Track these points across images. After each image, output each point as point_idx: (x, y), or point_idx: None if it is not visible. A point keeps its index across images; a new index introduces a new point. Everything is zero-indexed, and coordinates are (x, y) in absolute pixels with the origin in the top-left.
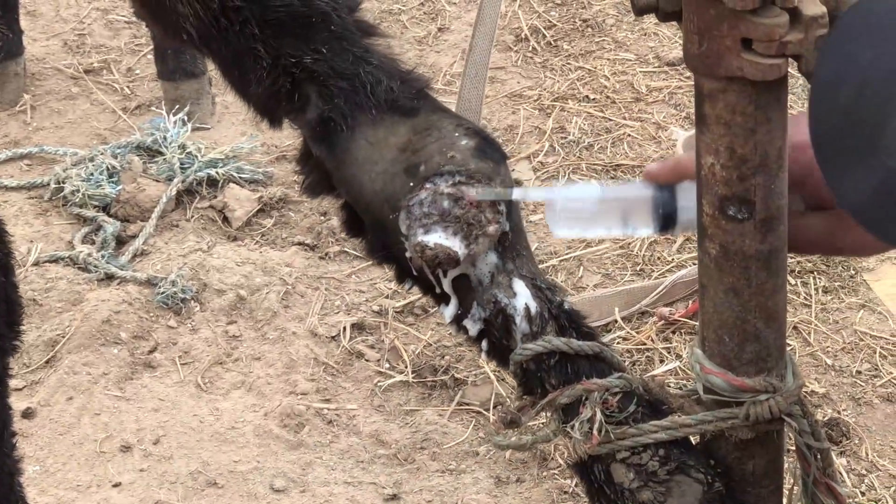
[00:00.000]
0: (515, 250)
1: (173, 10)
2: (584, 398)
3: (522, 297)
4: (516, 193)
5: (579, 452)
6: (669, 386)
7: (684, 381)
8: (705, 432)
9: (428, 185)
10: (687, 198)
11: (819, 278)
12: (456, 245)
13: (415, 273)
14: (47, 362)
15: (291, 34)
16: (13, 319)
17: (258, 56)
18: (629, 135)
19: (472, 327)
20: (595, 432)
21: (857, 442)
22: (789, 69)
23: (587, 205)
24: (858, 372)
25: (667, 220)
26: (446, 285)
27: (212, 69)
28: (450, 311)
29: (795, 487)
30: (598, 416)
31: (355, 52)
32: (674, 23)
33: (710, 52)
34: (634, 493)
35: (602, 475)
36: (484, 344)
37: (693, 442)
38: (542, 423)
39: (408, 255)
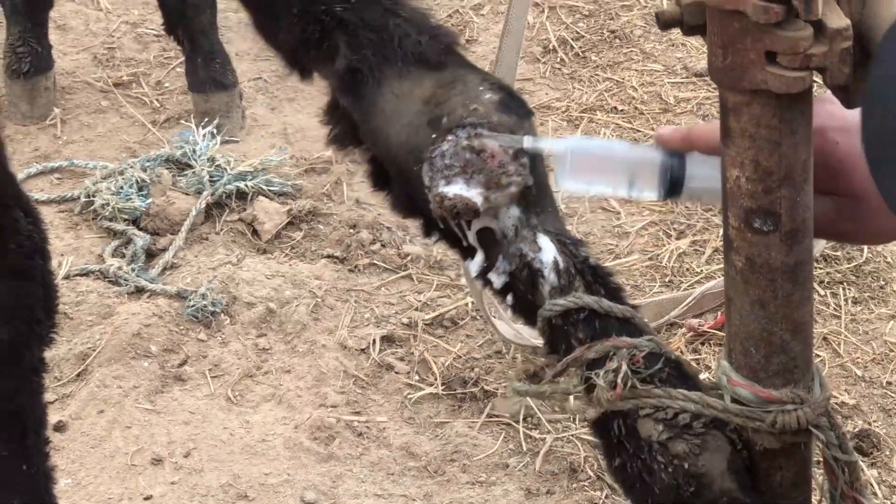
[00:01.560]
0: (540, 206)
1: None
2: (611, 354)
3: (549, 251)
4: (527, 141)
5: (602, 402)
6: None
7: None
8: (731, 420)
9: (450, 137)
10: (696, 167)
11: (849, 289)
12: (474, 195)
13: (440, 226)
14: (78, 375)
15: None
16: (50, 306)
17: (289, 3)
18: None
19: (497, 280)
20: (619, 382)
21: (887, 453)
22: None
23: (596, 160)
24: (889, 383)
25: (673, 186)
26: (471, 237)
27: (242, 82)
28: (476, 263)
29: (823, 501)
30: (624, 367)
31: (385, 5)
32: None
33: (734, 65)
34: (665, 446)
35: (622, 430)
36: (509, 298)
37: None
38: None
39: (430, 206)
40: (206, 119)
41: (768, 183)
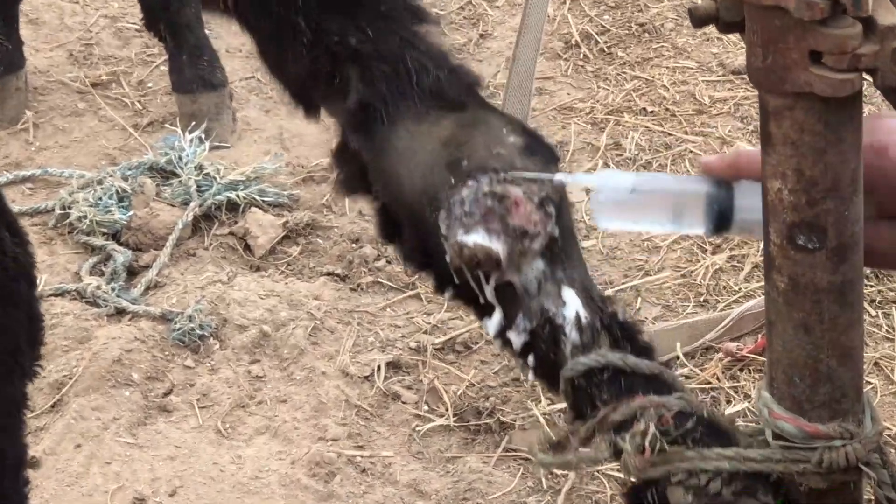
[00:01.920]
0: (565, 255)
1: None
2: (638, 415)
3: (572, 306)
4: (559, 177)
5: (630, 469)
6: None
7: (754, 424)
8: (773, 470)
9: (470, 182)
10: (746, 196)
11: None
12: (497, 246)
13: (456, 281)
14: (53, 406)
15: (336, 10)
16: (35, 337)
17: (299, 31)
18: (691, 151)
19: (517, 340)
20: (647, 445)
21: None
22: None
23: (635, 194)
24: None
25: (721, 219)
26: (489, 293)
27: (233, 81)
28: (494, 322)
29: None
30: (652, 429)
31: (402, 36)
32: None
33: (775, 65)
34: None
35: (655, 499)
36: (530, 359)
37: None
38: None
39: (446, 257)
40: (194, 123)
41: (813, 195)
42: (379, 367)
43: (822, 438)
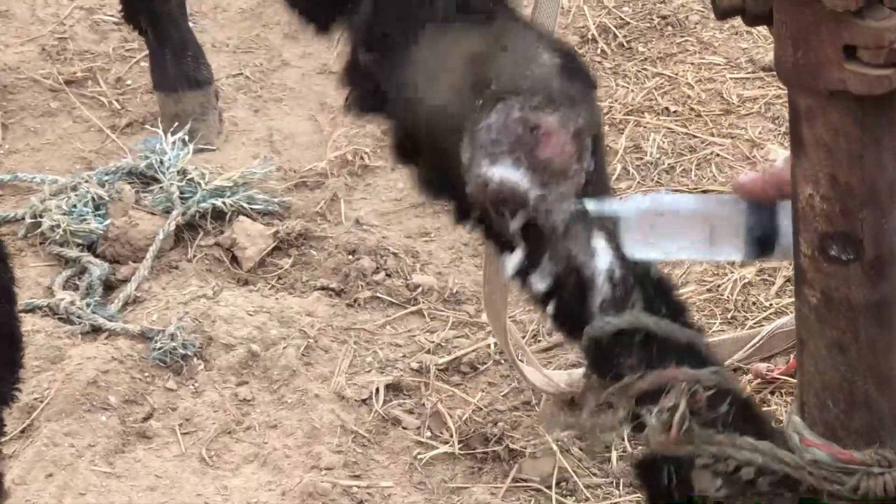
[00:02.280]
0: (599, 196)
1: None
2: (668, 388)
3: (605, 257)
4: (589, 205)
5: (652, 444)
6: None
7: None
8: (804, 480)
9: (499, 106)
10: (789, 217)
11: None
12: (525, 182)
13: (476, 213)
14: (23, 432)
15: None
16: (14, 358)
17: None
18: (718, 154)
19: (540, 284)
20: (676, 424)
21: None
22: None
23: (668, 220)
24: None
25: (762, 244)
26: (513, 230)
27: (219, 78)
28: (514, 261)
29: None
30: (683, 406)
31: None
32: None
33: (806, 61)
34: None
35: (673, 479)
36: (551, 307)
37: None
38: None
39: (468, 189)
40: (177, 123)
41: (848, 203)
42: (377, 390)
43: (858, 467)
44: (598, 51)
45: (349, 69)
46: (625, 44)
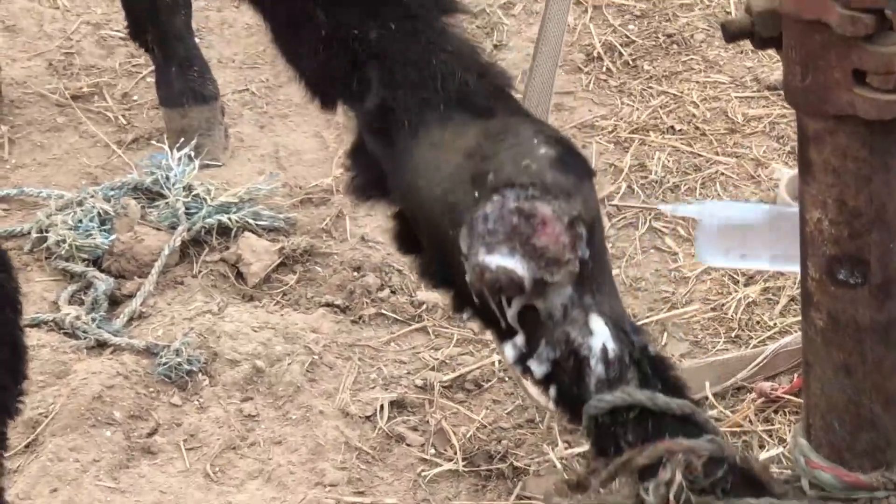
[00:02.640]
0: (595, 282)
1: None
2: (665, 460)
3: (600, 337)
4: (661, 208)
5: None
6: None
7: (789, 471)
8: None
9: (495, 198)
10: None
11: None
12: (521, 269)
13: (475, 301)
14: (27, 446)
15: (357, 3)
16: (18, 369)
17: (316, 23)
18: (723, 173)
19: (539, 369)
20: (672, 497)
21: None
22: None
23: (747, 228)
24: None
25: None
26: (511, 317)
27: (225, 94)
28: (513, 348)
29: None
30: (678, 478)
31: (428, 35)
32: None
33: (815, 85)
34: None
35: None
36: (552, 390)
37: None
38: (615, 490)
39: (466, 277)
40: (182, 139)
41: (855, 226)
42: (382, 407)
43: (864, 489)
44: (604, 69)
45: (354, 152)
46: (630, 62)
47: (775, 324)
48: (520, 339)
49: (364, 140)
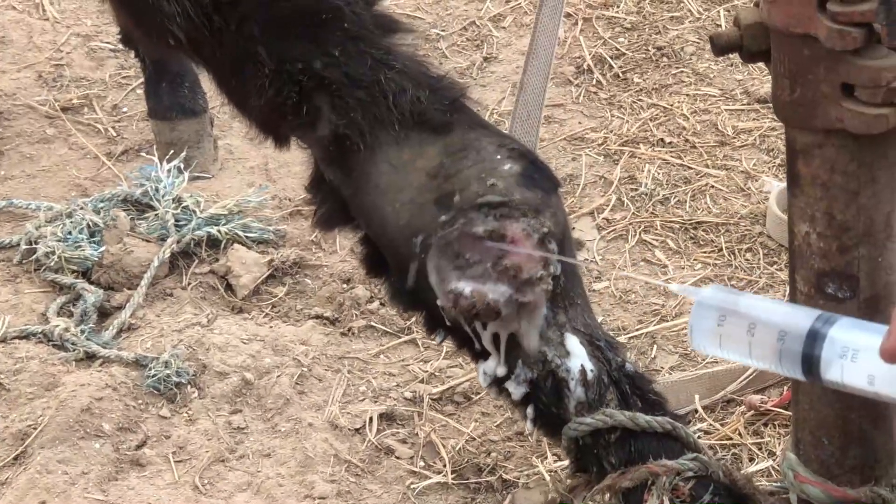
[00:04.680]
0: (568, 297)
1: (158, 10)
2: (649, 482)
3: (577, 358)
4: (672, 287)
5: None
6: (759, 483)
7: (779, 484)
8: None
9: (463, 220)
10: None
11: None
12: (496, 293)
13: (448, 324)
14: (16, 459)
15: (298, 35)
16: None
17: (259, 61)
18: (713, 186)
19: (516, 390)
20: None
21: None
22: None
23: (746, 321)
24: None
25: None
26: (486, 340)
27: (213, 107)
28: (489, 370)
29: None
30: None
31: (374, 55)
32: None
33: (803, 99)
34: None
35: None
36: (529, 411)
37: None
38: None
39: (439, 302)
40: (172, 151)
41: (844, 240)
42: (371, 419)
43: None
44: (594, 81)
45: (314, 184)
46: (620, 74)
47: None
48: (494, 360)
49: (321, 170)
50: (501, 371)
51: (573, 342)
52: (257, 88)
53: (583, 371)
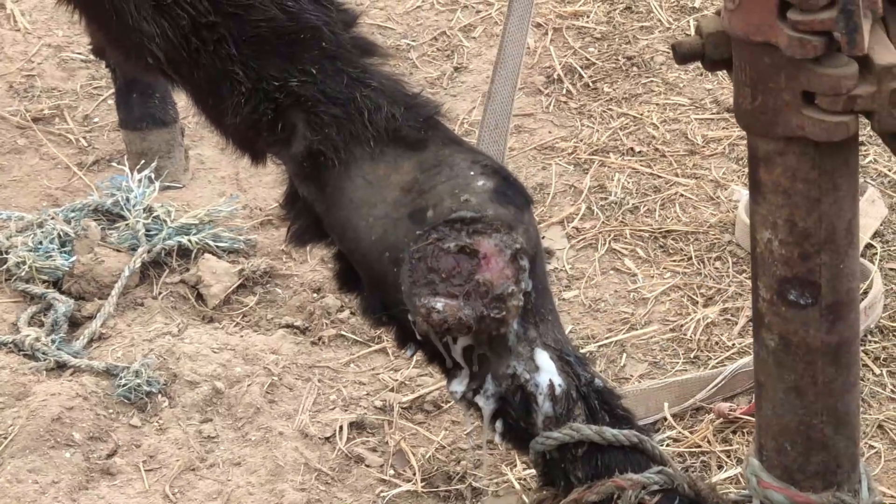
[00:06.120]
0: (539, 313)
1: (137, 30)
2: (616, 496)
3: (546, 373)
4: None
5: None
6: (728, 493)
7: (745, 492)
8: None
9: (436, 235)
10: None
11: None
12: (468, 309)
13: (419, 338)
14: None
15: (275, 53)
16: None
17: (236, 80)
18: (682, 195)
19: (486, 405)
20: None
21: None
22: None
23: None
24: None
25: None
26: (457, 354)
27: (184, 117)
28: (459, 384)
29: None
30: None
31: (350, 74)
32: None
33: (765, 107)
34: None
35: None
36: (498, 425)
37: None
38: None
39: (411, 317)
40: (143, 161)
41: (805, 247)
42: (341, 428)
43: None
44: (564, 91)
45: (288, 201)
46: (590, 84)
47: (734, 344)
48: (465, 375)
49: (295, 187)
50: (471, 385)
51: (543, 357)
52: (234, 106)
53: (551, 386)
